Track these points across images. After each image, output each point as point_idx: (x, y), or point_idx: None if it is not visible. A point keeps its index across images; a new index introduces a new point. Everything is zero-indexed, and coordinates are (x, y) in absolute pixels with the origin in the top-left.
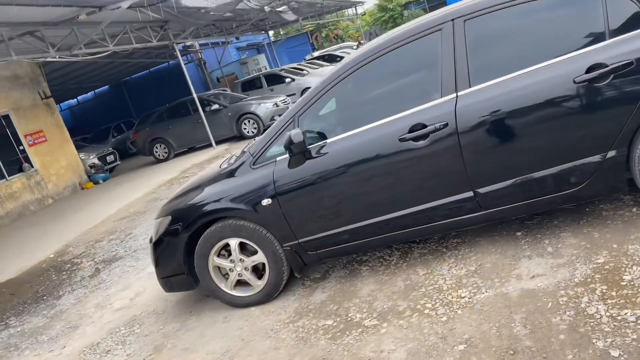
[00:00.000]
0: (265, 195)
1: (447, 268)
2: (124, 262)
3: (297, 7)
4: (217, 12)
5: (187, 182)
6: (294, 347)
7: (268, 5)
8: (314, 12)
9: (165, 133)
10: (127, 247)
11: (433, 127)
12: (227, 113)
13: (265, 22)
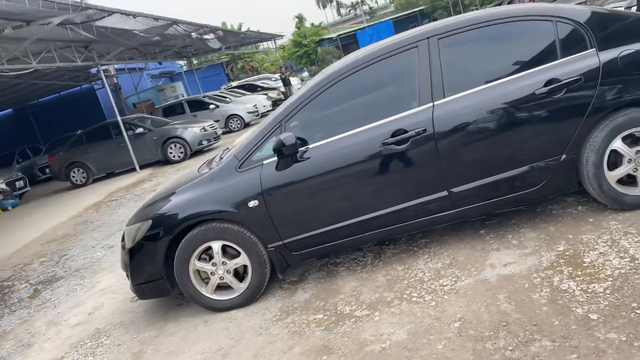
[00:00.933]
0: (251, 197)
1: (423, 263)
2: (68, 282)
3: (222, 36)
4: (147, 34)
5: (161, 188)
6: (290, 340)
7: (195, 32)
8: (237, 41)
9: (84, 157)
10: (65, 267)
11: (413, 132)
12: (152, 137)
13: (187, 49)
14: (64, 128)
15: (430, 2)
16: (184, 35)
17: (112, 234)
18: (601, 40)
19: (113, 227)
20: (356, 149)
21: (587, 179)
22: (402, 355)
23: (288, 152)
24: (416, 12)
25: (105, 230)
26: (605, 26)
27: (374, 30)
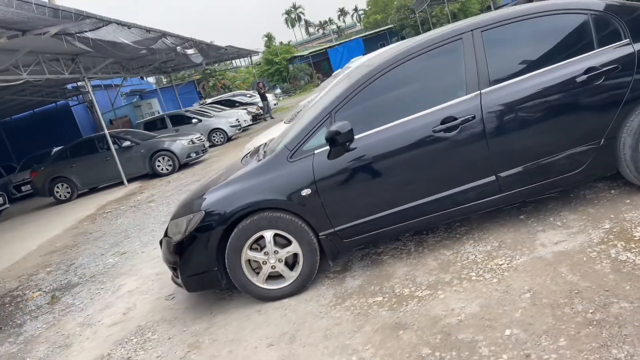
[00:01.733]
0: (305, 185)
1: (470, 247)
2: (86, 287)
3: (206, 50)
4: (140, 46)
5: (206, 180)
6: (356, 321)
7: (181, 45)
8: (218, 56)
9: (69, 172)
10: (78, 274)
11: (462, 119)
12: (139, 150)
13: (168, 64)
14: (38, 145)
15: (398, 21)
16: (169, 49)
17: (119, 242)
18: (634, 31)
19: (117, 236)
20: (406, 137)
21: (625, 162)
22: (482, 325)
23: (343, 140)
24: (385, 30)
25: (110, 239)
26: (637, 18)
27: (345, 48)
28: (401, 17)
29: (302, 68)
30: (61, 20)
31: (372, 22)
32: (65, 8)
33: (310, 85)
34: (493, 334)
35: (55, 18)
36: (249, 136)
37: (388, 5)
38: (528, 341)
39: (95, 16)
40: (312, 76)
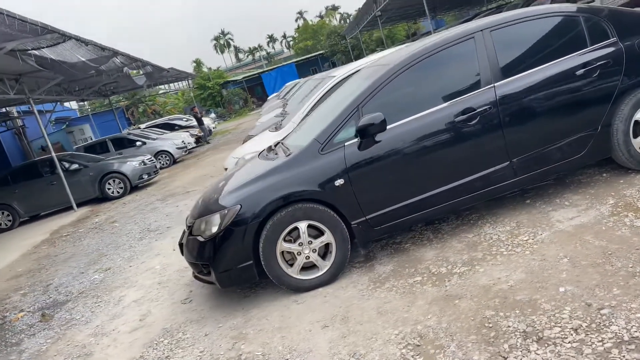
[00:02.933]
0: (338, 176)
1: (490, 229)
2: (80, 302)
3: (151, 72)
4: (95, 64)
5: (218, 182)
6: (405, 297)
7: (128, 65)
8: (160, 78)
9: (10, 198)
10: (62, 292)
11: (481, 110)
12: (88, 173)
13: (107, 86)
14: None
15: (329, 47)
16: (116, 70)
17: (95, 260)
18: (620, 31)
19: (89, 255)
20: (431, 127)
21: (618, 146)
22: (534, 287)
23: (376, 130)
24: (316, 56)
25: (82, 259)
26: (620, 20)
27: (278, 73)
28: (332, 43)
29: (237, 92)
30: (23, 34)
31: (303, 48)
32: (34, 21)
33: (245, 110)
34: (548, 292)
35: (18, 32)
36: (196, 157)
37: (318, 32)
38: (584, 294)
39: (58, 31)
40: (246, 100)
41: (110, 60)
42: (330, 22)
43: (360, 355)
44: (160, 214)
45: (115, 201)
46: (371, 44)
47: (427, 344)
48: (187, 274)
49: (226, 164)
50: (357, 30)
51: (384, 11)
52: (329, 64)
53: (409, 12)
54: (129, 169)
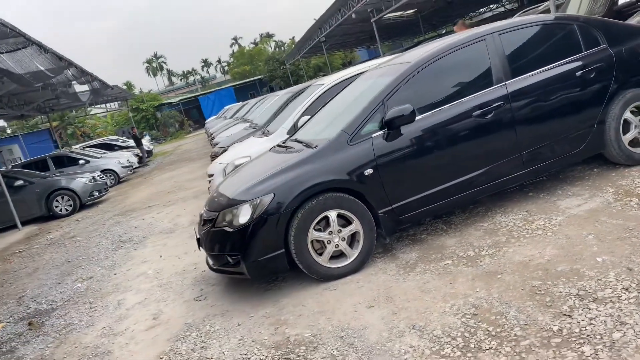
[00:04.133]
0: (367, 166)
1: (503, 217)
2: (70, 309)
3: (98, 89)
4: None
5: (237, 176)
6: (443, 278)
7: (77, 80)
8: (104, 95)
9: None
10: (44, 302)
11: (495, 105)
12: (34, 190)
13: (46, 103)
14: None
15: (267, 73)
16: (64, 83)
17: (69, 271)
18: (609, 39)
19: (59, 267)
20: (451, 121)
21: (610, 142)
22: (571, 259)
23: (405, 121)
24: (255, 80)
25: (51, 271)
26: (609, 29)
27: (216, 96)
28: (270, 68)
29: (173, 115)
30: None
31: (241, 73)
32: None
33: (181, 133)
34: (587, 262)
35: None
36: (142, 177)
37: (255, 58)
38: (622, 261)
39: (24, 34)
40: (183, 123)
41: (63, 71)
42: (265, 49)
43: (420, 327)
44: (127, 227)
45: (65, 219)
46: (309, 70)
47: (484, 312)
48: (188, 276)
49: (210, 170)
50: (298, 56)
51: (328, 37)
52: (267, 88)
53: (348, 40)
54: (78, 185)
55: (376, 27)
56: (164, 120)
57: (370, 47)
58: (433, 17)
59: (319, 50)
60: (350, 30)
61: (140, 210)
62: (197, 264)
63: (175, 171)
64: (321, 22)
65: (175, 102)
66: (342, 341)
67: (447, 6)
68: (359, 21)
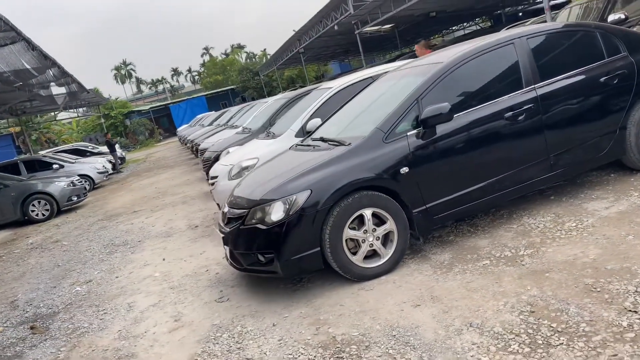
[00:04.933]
0: (402, 164)
1: (531, 219)
2: (76, 313)
3: (75, 92)
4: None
5: (265, 173)
6: (488, 277)
7: (57, 81)
8: (80, 99)
9: None
10: (43, 306)
11: (526, 108)
12: (9, 193)
13: (18, 105)
14: None
15: (240, 83)
16: (42, 84)
17: (63, 275)
18: (629, 47)
19: (49, 272)
20: (483, 122)
21: (630, 147)
22: (618, 258)
23: (442, 120)
24: (227, 90)
25: (42, 275)
26: (629, 38)
27: (188, 105)
28: (244, 78)
29: (143, 122)
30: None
31: (213, 82)
32: None
33: (151, 141)
34: (637, 260)
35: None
36: (118, 183)
37: (228, 68)
38: None
39: (16, 29)
40: (153, 131)
41: (46, 71)
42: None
43: (477, 324)
44: (116, 231)
45: (42, 224)
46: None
47: (541, 310)
48: (202, 278)
49: (213, 172)
50: (274, 67)
51: (306, 49)
52: (240, 99)
53: (324, 53)
54: (57, 189)
55: (360, 40)
56: (134, 128)
57: (344, 60)
58: (408, 33)
59: (295, 61)
60: (327, 43)
61: (126, 215)
62: (207, 267)
63: (154, 178)
64: (301, 34)
65: (146, 109)
66: (396, 340)
67: (424, 22)
68: (337, 34)
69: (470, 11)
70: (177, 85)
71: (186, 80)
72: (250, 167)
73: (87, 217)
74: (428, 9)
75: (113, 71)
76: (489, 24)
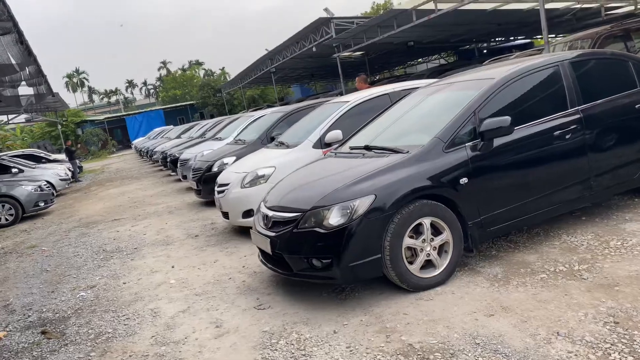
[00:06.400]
0: (462, 175)
1: (571, 238)
2: (92, 317)
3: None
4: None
5: (307, 180)
6: (553, 290)
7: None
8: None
9: None
10: (44, 310)
11: (572, 128)
12: None
13: None
14: None
15: (200, 99)
16: (13, 82)
17: (58, 280)
18: None
19: (39, 276)
20: (535, 138)
21: None
22: None
23: (502, 134)
24: (187, 105)
25: (30, 280)
26: None
27: (144, 117)
28: (204, 95)
29: (97, 132)
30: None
31: (170, 97)
32: None
33: (104, 152)
34: None
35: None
36: (81, 192)
37: (187, 83)
38: None
39: (13, 18)
40: (106, 142)
41: (25, 68)
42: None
43: (564, 334)
44: (101, 239)
45: (7, 229)
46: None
47: (626, 321)
48: (228, 285)
49: (223, 179)
50: (240, 84)
51: (278, 69)
52: (198, 115)
53: (290, 75)
54: (23, 193)
55: (339, 63)
56: (86, 138)
57: (308, 84)
58: (376, 61)
59: (262, 81)
60: (297, 64)
61: (106, 223)
62: (229, 275)
63: (123, 187)
64: (273, 53)
65: (100, 119)
66: (482, 348)
67: (394, 51)
68: (308, 56)
69: (443, 44)
70: (130, 97)
71: (140, 94)
72: (267, 175)
73: (59, 223)
74: (407, 37)
75: (65, 79)
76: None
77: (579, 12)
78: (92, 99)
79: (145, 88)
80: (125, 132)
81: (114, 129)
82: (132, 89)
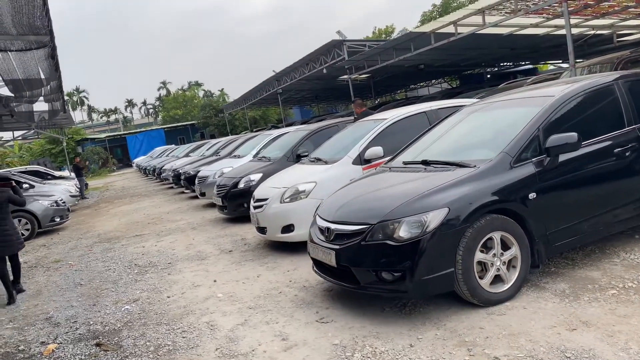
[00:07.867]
0: (531, 190)
1: (632, 256)
2: (146, 330)
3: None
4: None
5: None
6: (628, 305)
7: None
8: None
9: None
10: (91, 323)
11: (631, 146)
12: None
13: None
14: None
15: (201, 119)
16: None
17: (96, 294)
18: None
19: (74, 290)
20: (597, 155)
21: None
22: None
23: (568, 150)
24: (187, 125)
25: (66, 294)
26: None
27: (145, 137)
28: (206, 114)
29: (97, 151)
30: None
31: (171, 116)
32: None
33: (105, 171)
34: None
35: None
36: (91, 209)
37: (189, 103)
38: None
39: (52, 32)
40: (107, 161)
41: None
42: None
43: None
44: (128, 254)
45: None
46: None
47: None
48: (281, 299)
49: (261, 194)
50: (244, 105)
51: (284, 90)
52: (199, 134)
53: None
54: (40, 208)
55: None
56: (87, 156)
57: (310, 105)
58: (381, 85)
59: (266, 102)
60: (303, 86)
61: (128, 239)
62: (278, 289)
63: (134, 205)
64: (281, 74)
65: (101, 138)
66: None
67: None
68: (315, 78)
69: (452, 67)
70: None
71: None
72: (307, 190)
73: (78, 239)
74: (420, 60)
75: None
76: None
77: (591, 39)
78: (91, 117)
79: (145, 108)
80: (126, 150)
81: (115, 147)
82: (131, 108)
